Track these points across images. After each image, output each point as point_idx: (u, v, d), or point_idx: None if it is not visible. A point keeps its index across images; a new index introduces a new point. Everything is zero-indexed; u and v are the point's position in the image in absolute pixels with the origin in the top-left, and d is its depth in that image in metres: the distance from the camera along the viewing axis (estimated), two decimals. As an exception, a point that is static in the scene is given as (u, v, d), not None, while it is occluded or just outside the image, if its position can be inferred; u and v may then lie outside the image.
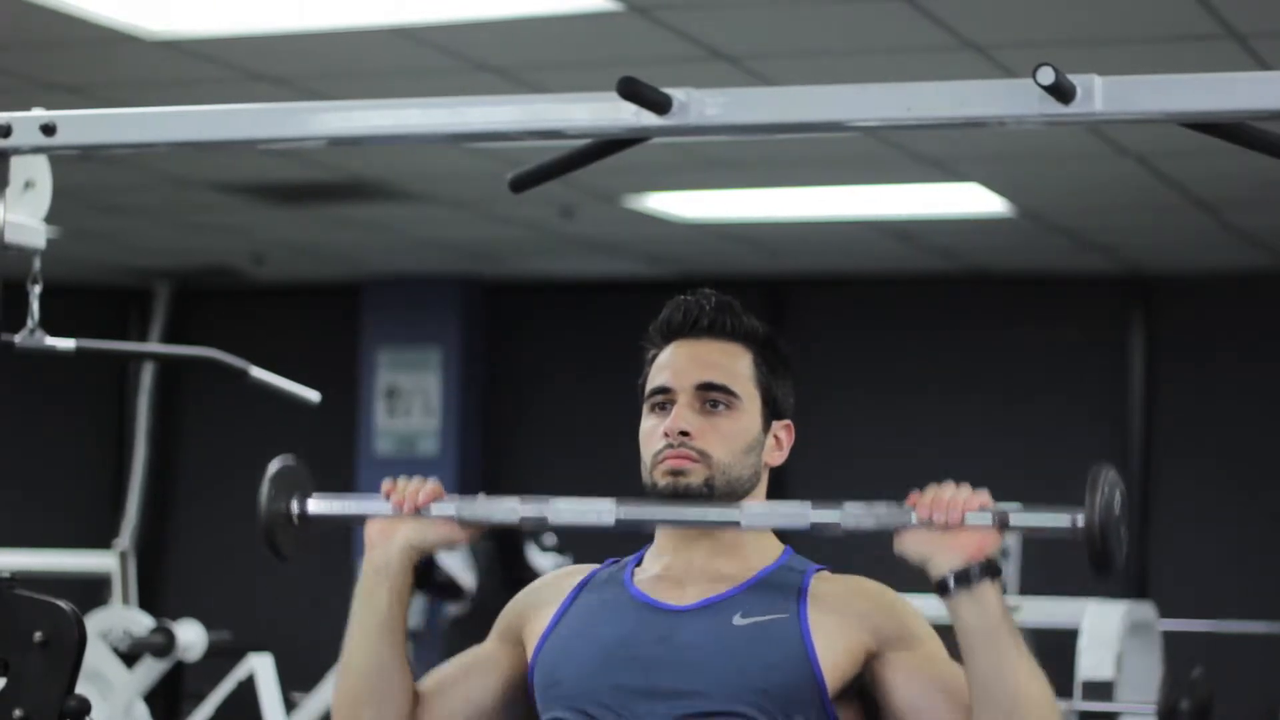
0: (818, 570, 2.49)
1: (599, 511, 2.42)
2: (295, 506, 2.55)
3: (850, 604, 2.43)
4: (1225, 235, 7.93)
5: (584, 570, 2.57)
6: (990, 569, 2.30)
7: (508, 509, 2.46)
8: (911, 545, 2.33)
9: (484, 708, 2.52)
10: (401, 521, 2.50)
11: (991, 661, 2.29)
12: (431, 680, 2.54)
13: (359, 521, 2.54)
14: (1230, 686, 6.00)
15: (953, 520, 2.31)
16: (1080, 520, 2.28)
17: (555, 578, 2.59)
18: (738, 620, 2.41)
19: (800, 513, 2.37)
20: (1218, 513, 8.79)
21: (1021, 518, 2.32)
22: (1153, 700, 5.12)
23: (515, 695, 2.52)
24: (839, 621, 2.41)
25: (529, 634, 2.52)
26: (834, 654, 2.39)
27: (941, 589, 2.31)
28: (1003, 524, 2.32)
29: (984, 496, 2.33)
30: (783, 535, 2.53)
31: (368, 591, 2.51)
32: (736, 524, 2.40)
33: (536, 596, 2.57)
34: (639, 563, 2.54)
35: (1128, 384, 8.92)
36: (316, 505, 2.55)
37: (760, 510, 2.41)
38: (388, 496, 2.51)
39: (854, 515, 2.35)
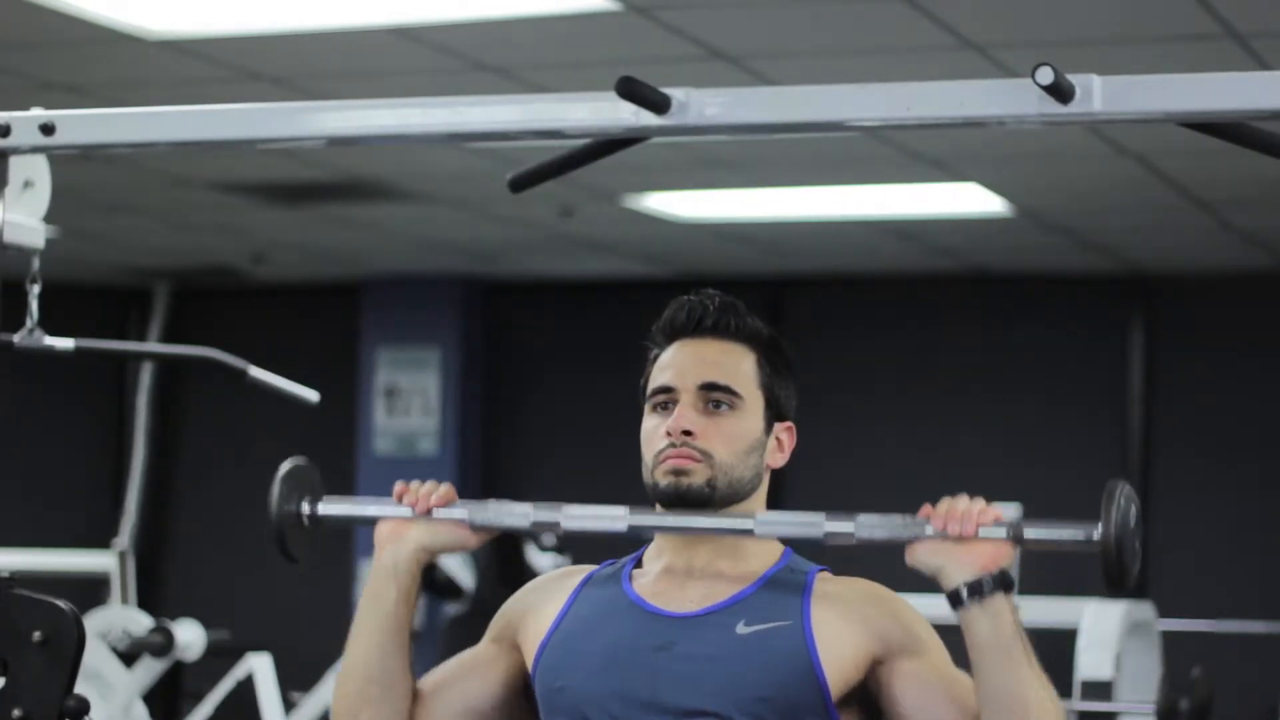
0: (820, 571, 2.48)
1: (611, 518, 2.42)
2: (306, 508, 2.55)
3: (855, 608, 2.42)
4: (1225, 235, 7.93)
5: (581, 571, 2.56)
6: (1003, 581, 2.30)
7: (520, 514, 2.46)
8: (924, 556, 2.33)
9: (480, 709, 2.51)
10: (412, 524, 2.49)
11: (1003, 674, 2.29)
12: (429, 681, 2.54)
13: (370, 523, 2.54)
14: (1229, 686, 6.00)
15: (967, 532, 2.31)
16: (1096, 534, 2.27)
17: (551, 579, 2.58)
18: (741, 629, 2.40)
19: (814, 523, 2.36)
20: (1217, 512, 8.79)
21: (1036, 531, 2.32)
22: (1152, 700, 5.13)
23: (510, 696, 2.52)
24: (844, 626, 2.40)
25: (526, 636, 2.52)
26: (839, 660, 2.38)
27: (954, 601, 2.31)
28: (1017, 537, 2.32)
29: (998, 509, 2.33)
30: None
31: (375, 592, 2.50)
32: (750, 532, 2.40)
33: (533, 598, 2.56)
34: (637, 563, 2.53)
35: (1127, 384, 8.92)
36: (327, 507, 2.56)
37: (774, 519, 2.40)
38: (399, 499, 2.51)
39: (868, 526, 2.35)
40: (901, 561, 2.37)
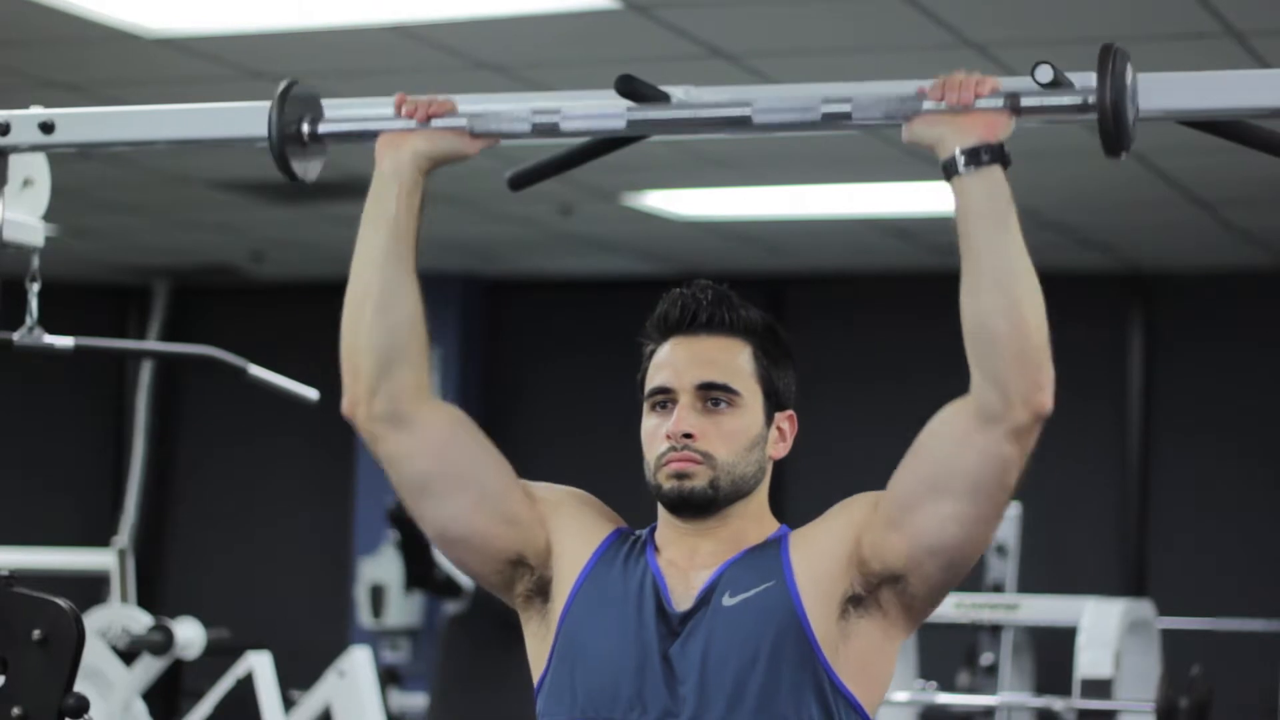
0: (790, 532, 2.47)
1: (610, 115, 2.39)
2: (306, 126, 2.53)
3: (821, 531, 2.42)
4: (1224, 233, 7.93)
5: (613, 520, 2.52)
6: (999, 152, 2.27)
7: (518, 116, 2.44)
8: (922, 128, 2.31)
9: (469, 481, 2.46)
10: (412, 132, 2.47)
11: (994, 244, 2.26)
12: (461, 415, 2.50)
13: (371, 137, 2.50)
14: (1229, 684, 6.00)
15: (965, 100, 2.28)
16: (1092, 97, 2.24)
17: (597, 509, 2.53)
18: (726, 600, 2.39)
19: (811, 103, 2.34)
20: (1216, 510, 8.79)
21: (1034, 99, 2.28)
22: (1151, 698, 5.13)
23: (500, 520, 2.46)
24: (816, 555, 2.39)
25: (560, 546, 2.47)
26: (820, 589, 2.37)
27: (949, 169, 2.29)
28: (1014, 106, 2.28)
29: (995, 81, 2.30)
30: (777, 511, 2.51)
31: (377, 195, 2.47)
32: (748, 120, 2.35)
33: (581, 515, 2.50)
34: (654, 535, 2.50)
35: (1127, 381, 8.92)
36: (328, 124, 2.54)
37: (773, 101, 2.36)
38: (398, 109, 2.49)
39: (864, 105, 2.32)
40: None
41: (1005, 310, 2.28)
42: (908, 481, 2.37)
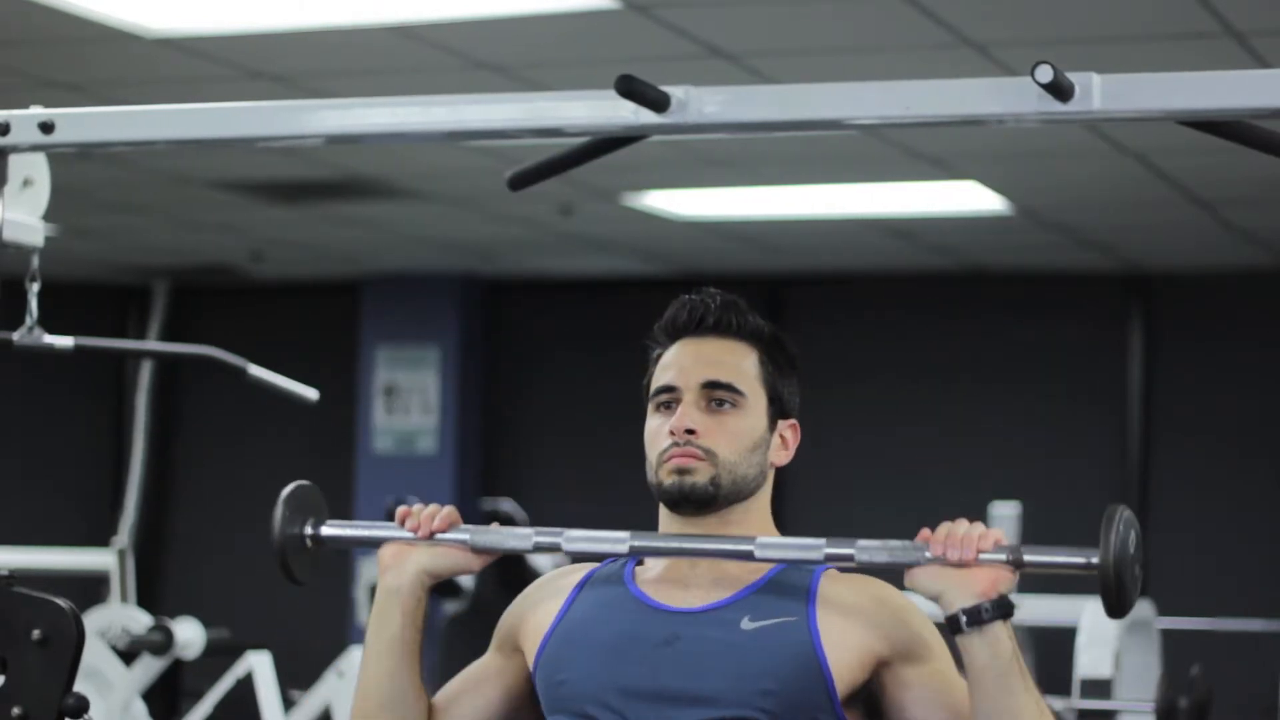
0: (825, 569, 2.47)
1: (613, 540, 2.42)
2: (309, 529, 2.55)
3: (862, 608, 2.42)
4: (1224, 233, 7.93)
5: (582, 569, 2.56)
6: (1003, 607, 2.30)
7: (521, 536, 2.47)
8: (924, 580, 2.33)
9: (493, 718, 2.53)
10: (415, 547, 2.50)
11: (1000, 700, 2.30)
12: (440, 697, 2.56)
13: (373, 545, 2.55)
14: (1228, 684, 6.00)
15: (967, 558, 2.31)
16: (1095, 559, 2.27)
17: (550, 580, 2.58)
18: (746, 624, 2.40)
19: (815, 547, 2.36)
20: (1216, 511, 8.79)
21: (1036, 557, 2.32)
22: (1151, 698, 5.13)
23: (520, 704, 2.54)
24: (850, 627, 2.40)
25: (527, 637, 2.52)
26: (844, 659, 2.38)
27: (953, 626, 2.31)
28: (1016, 562, 2.32)
29: (998, 533, 2.33)
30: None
31: (381, 614, 2.52)
32: (750, 555, 2.39)
33: (532, 599, 2.57)
34: (638, 562, 2.53)
35: (1126, 382, 8.92)
36: (330, 530, 2.56)
37: (774, 544, 2.40)
38: (402, 522, 2.52)
39: (868, 550, 2.34)
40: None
41: None
42: (921, 712, 2.41)
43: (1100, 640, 5.51)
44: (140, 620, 5.48)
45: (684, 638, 2.40)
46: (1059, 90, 2.27)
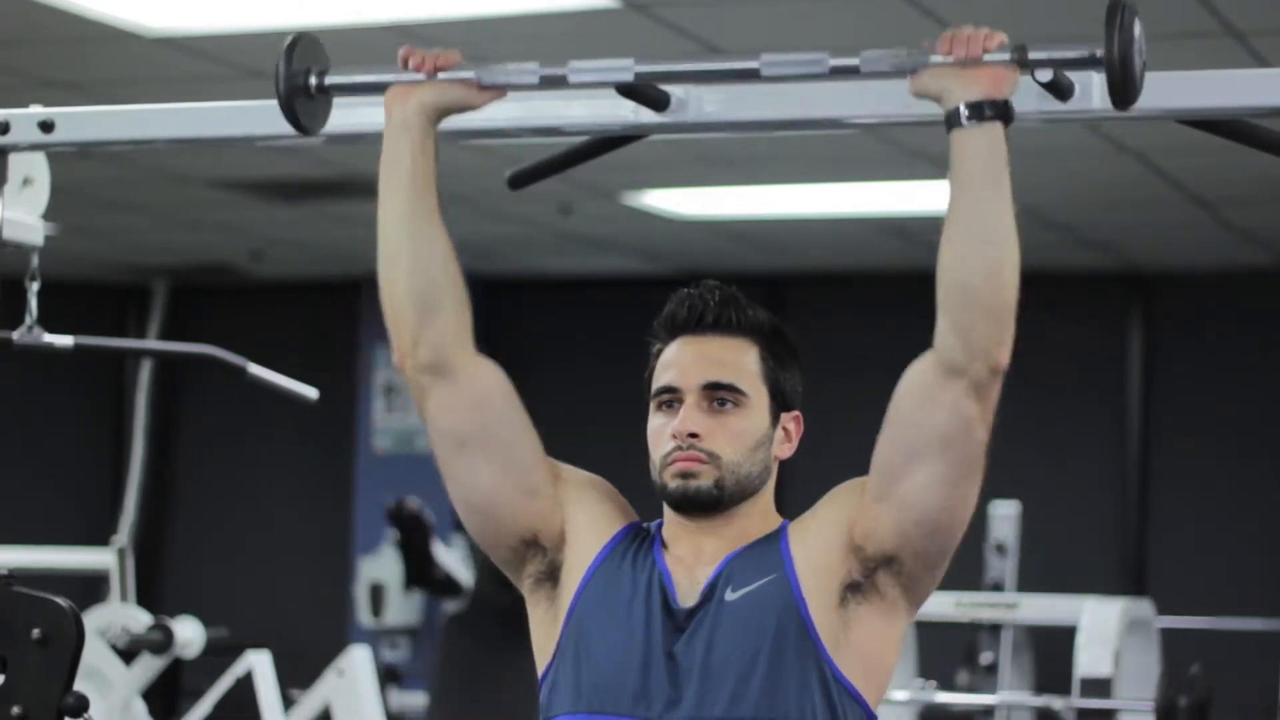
0: (790, 522, 2.48)
1: (617, 69, 2.37)
2: (314, 78, 2.52)
3: (817, 521, 2.43)
4: (1224, 232, 7.93)
5: (627, 514, 2.52)
6: (1003, 109, 2.28)
7: (525, 70, 2.42)
8: (928, 80, 2.33)
9: (502, 448, 2.48)
10: (420, 85, 2.45)
11: (986, 201, 2.29)
12: (505, 377, 2.51)
13: (379, 90, 2.49)
14: (1228, 683, 6.00)
15: (972, 54, 2.31)
16: (1099, 51, 2.24)
17: (614, 499, 2.53)
18: (729, 596, 2.40)
19: (819, 60, 2.34)
20: (1216, 509, 8.79)
21: (1041, 52, 2.29)
22: (1151, 697, 5.12)
23: (523, 489, 2.48)
24: (815, 544, 2.41)
25: (573, 530, 2.48)
26: (819, 579, 2.38)
27: (952, 120, 2.30)
28: (1022, 60, 2.29)
29: (1003, 36, 2.32)
30: (780, 504, 2.52)
31: (391, 151, 2.45)
32: (756, 73, 2.33)
33: (598, 504, 2.51)
34: (661, 530, 2.51)
35: (1126, 381, 8.92)
36: (335, 76, 2.52)
37: (781, 60, 2.35)
38: (405, 63, 2.47)
39: (872, 60, 2.33)
40: None
41: (984, 266, 2.29)
42: (885, 453, 2.40)
43: (1100, 639, 5.51)
44: (140, 620, 5.47)
45: (686, 631, 2.41)
46: (1059, 90, 2.28)
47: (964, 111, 2.28)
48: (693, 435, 2.44)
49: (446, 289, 2.47)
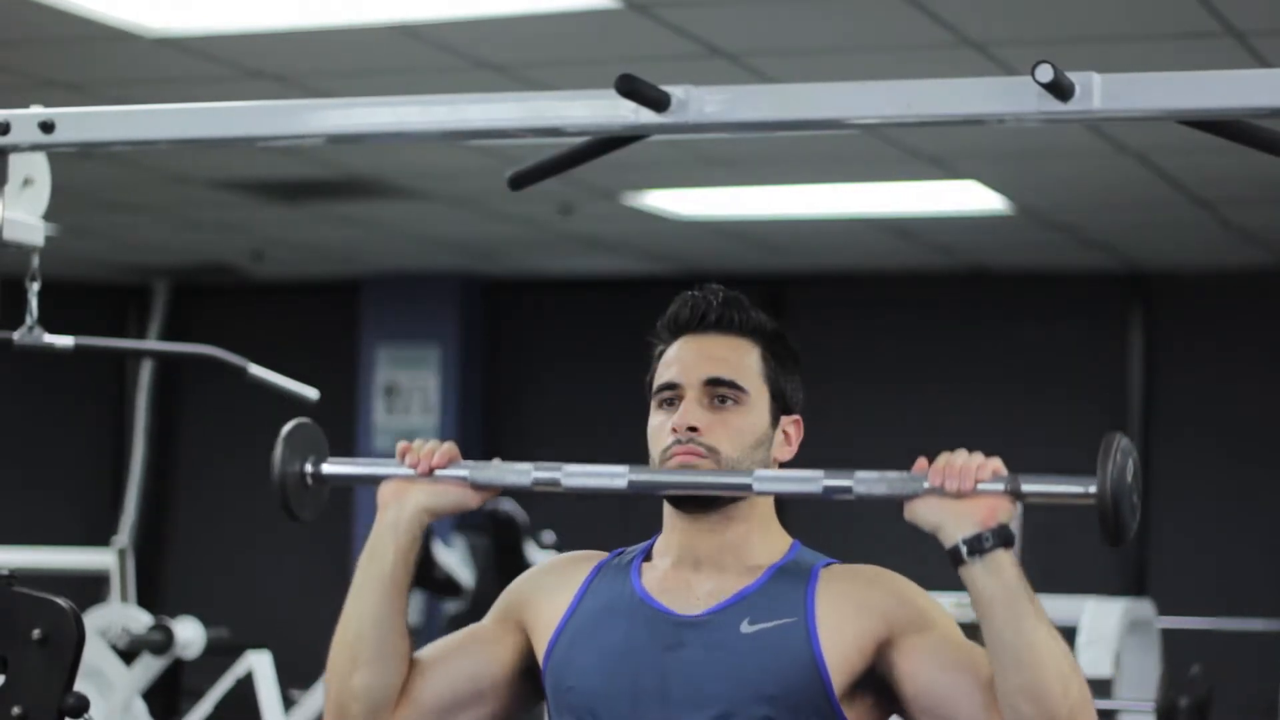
0: (826, 565, 2.47)
1: (611, 475, 2.41)
2: (309, 467, 2.54)
3: (860, 594, 2.41)
4: (1224, 232, 7.93)
5: (592, 559, 2.54)
6: (1003, 536, 2.28)
7: (520, 471, 2.45)
8: (923, 512, 2.32)
9: (478, 685, 2.49)
10: (415, 483, 2.48)
11: (1010, 627, 2.27)
12: (428, 652, 2.52)
13: (373, 482, 2.53)
14: (1229, 684, 6.00)
15: (965, 487, 2.30)
16: (1092, 488, 2.26)
17: (564, 563, 2.56)
18: (745, 628, 2.39)
19: (813, 479, 2.36)
20: (1216, 510, 8.79)
21: (1034, 485, 2.31)
22: (1151, 698, 5.12)
23: (510, 677, 2.50)
24: (848, 614, 2.39)
25: (536, 623, 2.50)
26: (843, 651, 2.37)
27: (954, 558, 2.28)
28: (1015, 492, 2.30)
29: (996, 463, 2.32)
30: (790, 529, 2.52)
31: (374, 550, 2.49)
32: (749, 488, 2.38)
33: (545, 582, 2.54)
34: (646, 556, 2.52)
35: (1126, 381, 8.92)
36: (330, 467, 2.55)
37: (773, 476, 2.39)
38: (402, 458, 2.50)
39: (866, 482, 2.34)
40: (915, 552, 2.35)
41: (1028, 689, 2.28)
42: (930, 676, 2.36)
43: (1101, 639, 5.51)
44: (140, 620, 5.48)
45: (687, 645, 2.40)
46: (1059, 90, 2.27)
47: (964, 550, 2.28)
48: (692, 429, 2.44)
49: (396, 688, 2.48)
